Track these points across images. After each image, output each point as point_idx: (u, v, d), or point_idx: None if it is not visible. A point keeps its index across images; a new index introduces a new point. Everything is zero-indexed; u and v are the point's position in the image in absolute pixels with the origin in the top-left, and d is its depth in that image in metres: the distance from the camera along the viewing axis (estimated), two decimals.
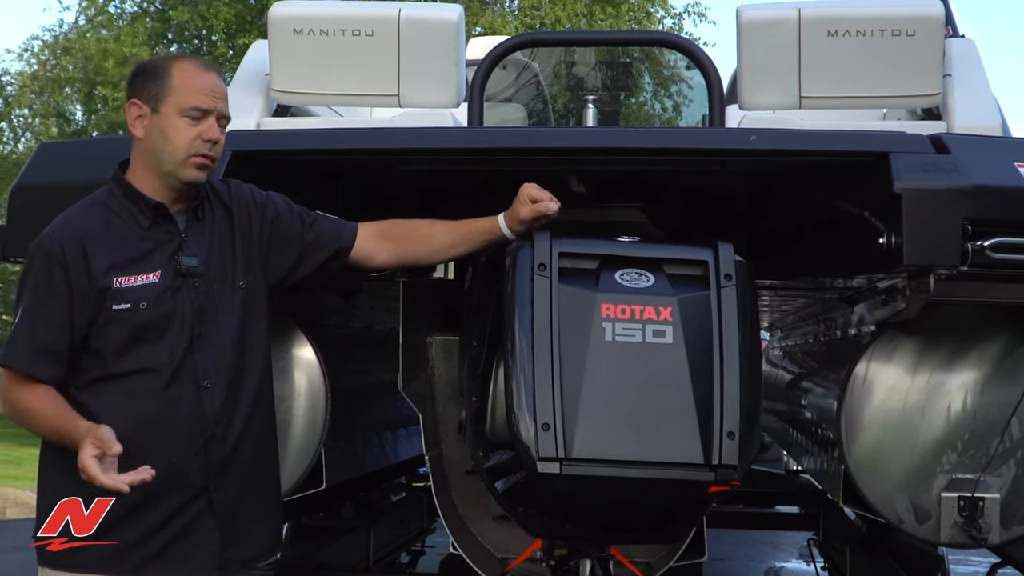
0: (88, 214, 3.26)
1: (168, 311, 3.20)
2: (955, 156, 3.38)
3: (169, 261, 3.24)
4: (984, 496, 3.76)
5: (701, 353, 3.19)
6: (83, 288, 3.15)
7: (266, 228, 3.45)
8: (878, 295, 3.99)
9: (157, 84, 3.26)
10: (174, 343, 3.20)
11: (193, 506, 3.22)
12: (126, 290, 3.17)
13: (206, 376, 3.23)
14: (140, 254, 3.22)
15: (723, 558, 9.00)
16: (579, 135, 4.43)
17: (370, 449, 5.08)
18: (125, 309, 3.16)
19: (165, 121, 3.24)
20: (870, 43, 4.57)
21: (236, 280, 3.35)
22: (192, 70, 3.29)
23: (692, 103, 10.76)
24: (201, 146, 3.23)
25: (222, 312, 3.30)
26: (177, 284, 3.22)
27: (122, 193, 3.28)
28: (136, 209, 3.26)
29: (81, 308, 3.15)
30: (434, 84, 4.80)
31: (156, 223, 3.26)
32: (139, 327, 3.17)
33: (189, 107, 3.23)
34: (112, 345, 3.17)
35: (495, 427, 3.43)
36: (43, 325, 3.16)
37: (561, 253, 3.30)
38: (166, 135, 3.23)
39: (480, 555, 4.31)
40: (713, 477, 3.14)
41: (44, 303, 3.16)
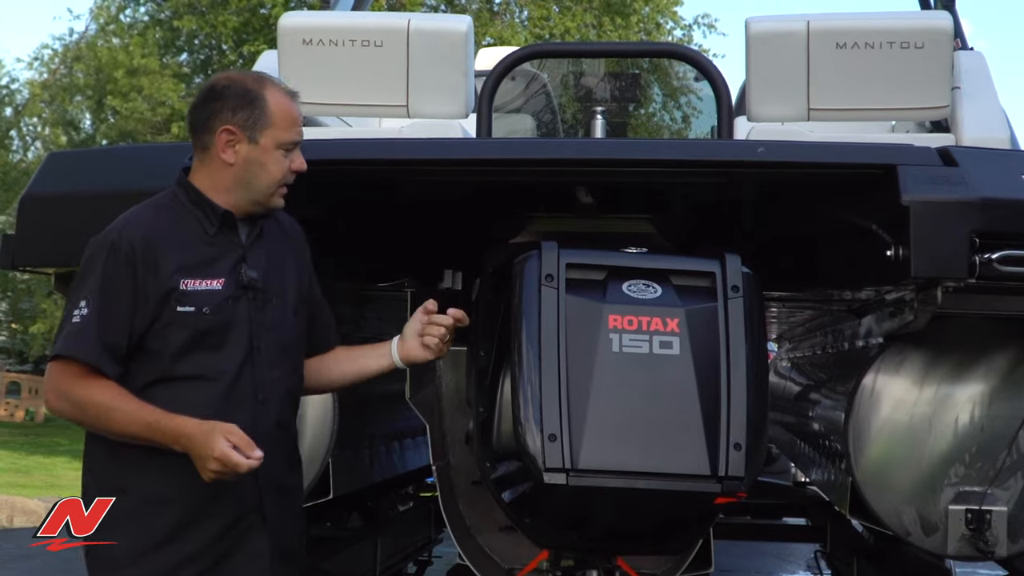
0: (155, 214, 3.24)
1: (228, 319, 3.18)
2: (963, 169, 3.38)
3: (232, 271, 3.22)
4: (991, 509, 3.76)
5: (708, 364, 3.20)
6: (148, 287, 3.12)
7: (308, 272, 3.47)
8: (886, 307, 3.99)
9: (254, 113, 3.22)
10: (232, 353, 3.18)
11: (246, 520, 3.21)
12: (191, 293, 3.15)
13: (262, 391, 3.22)
14: (205, 259, 3.20)
15: (730, 570, 8.98)
16: (587, 146, 4.44)
17: (377, 459, 5.09)
18: (189, 312, 3.14)
19: (264, 154, 3.23)
20: (879, 55, 4.57)
21: (292, 303, 3.35)
22: (286, 101, 3.27)
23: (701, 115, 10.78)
24: (290, 176, 3.27)
25: (278, 331, 3.28)
26: (238, 295, 3.21)
27: (188, 199, 3.26)
28: (203, 215, 3.24)
29: (143, 308, 3.12)
30: (443, 95, 4.81)
31: (221, 231, 3.25)
32: (200, 332, 3.15)
33: (287, 141, 3.24)
34: (171, 347, 3.14)
35: (502, 438, 3.43)
36: (108, 321, 3.11)
37: (568, 264, 3.31)
38: (265, 167, 3.23)
39: (487, 565, 4.31)
40: (719, 489, 3.14)
41: (109, 299, 3.11)
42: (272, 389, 3.25)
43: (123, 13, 24.66)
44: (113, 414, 3.09)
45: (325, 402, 4.08)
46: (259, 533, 3.22)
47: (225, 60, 22.90)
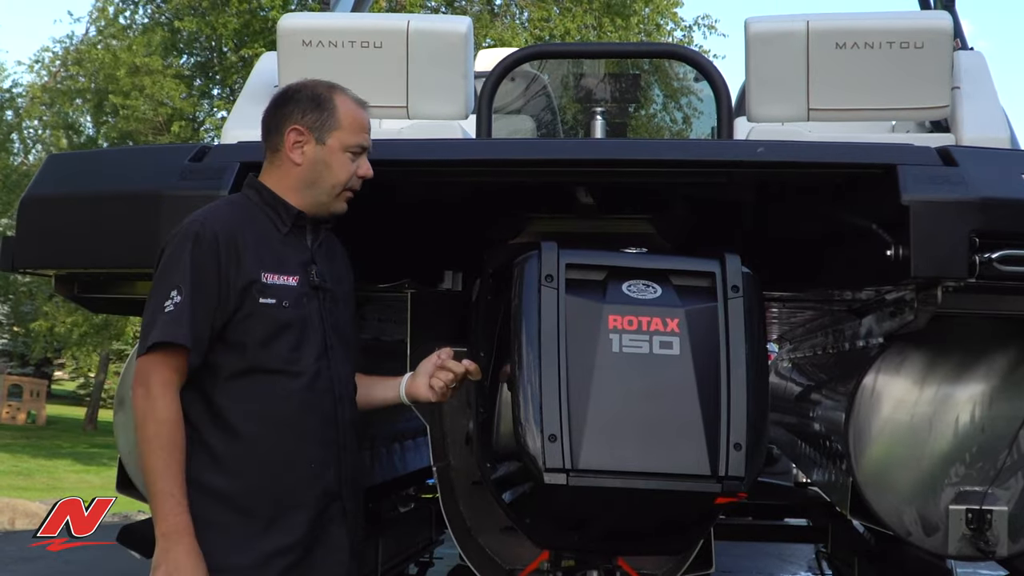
0: (232, 210, 3.30)
1: (305, 315, 3.24)
2: (963, 168, 3.38)
3: (304, 271, 3.29)
4: (992, 509, 3.76)
5: (708, 365, 3.20)
6: (231, 278, 3.16)
7: None
8: (886, 307, 3.99)
9: (322, 115, 3.33)
10: (311, 350, 3.24)
11: (330, 512, 3.27)
12: (272, 286, 3.21)
13: (339, 386, 3.30)
14: (280, 256, 3.27)
15: (731, 570, 8.99)
16: (587, 147, 4.44)
17: (378, 460, 5.08)
18: (271, 304, 3.19)
19: (330, 154, 3.32)
20: (878, 55, 4.57)
21: (352, 311, 3.46)
22: (355, 107, 3.38)
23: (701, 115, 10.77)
24: (355, 182, 3.35)
25: (343, 333, 3.37)
26: (311, 294, 3.28)
27: (261, 199, 3.33)
28: (276, 215, 3.31)
29: (226, 298, 3.16)
30: (443, 96, 4.82)
31: (292, 232, 3.32)
32: (280, 325, 3.20)
33: (354, 144, 3.33)
34: (255, 339, 3.18)
35: (502, 438, 3.44)
36: (199, 310, 3.13)
37: (568, 264, 3.31)
38: (330, 168, 3.32)
39: (488, 566, 4.31)
40: (719, 489, 3.14)
41: (199, 288, 3.14)
42: (345, 386, 3.33)
43: (122, 15, 24.67)
44: (161, 452, 3.08)
45: None
46: (339, 527, 3.29)
47: (226, 62, 22.93)
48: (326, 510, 3.25)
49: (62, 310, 24.21)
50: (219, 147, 3.93)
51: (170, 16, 23.78)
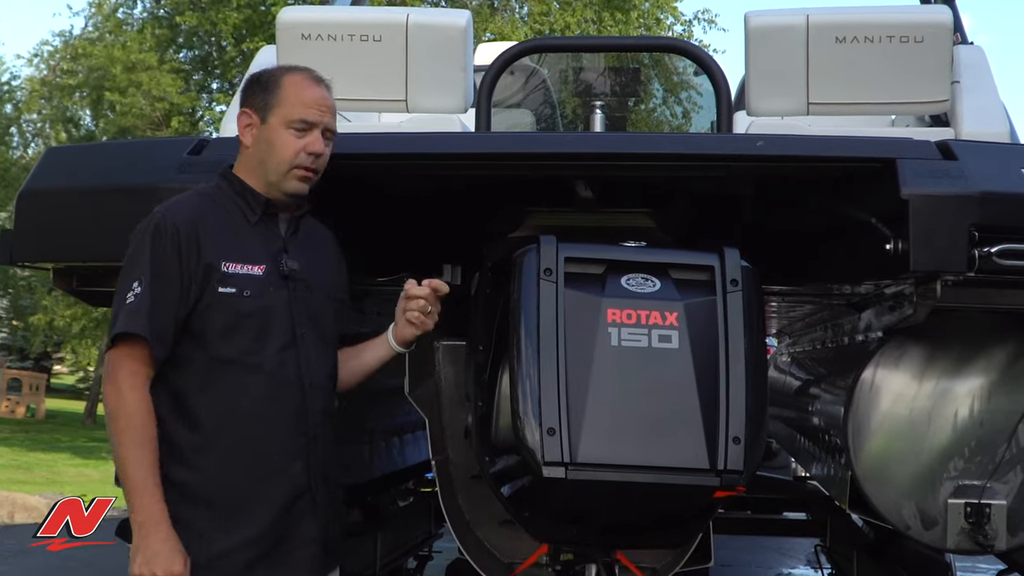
0: (198, 201, 3.30)
1: (269, 305, 3.23)
2: (962, 162, 3.38)
3: (273, 260, 3.28)
4: (991, 503, 3.76)
5: (707, 358, 3.20)
6: (192, 267, 3.16)
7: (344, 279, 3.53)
8: (885, 301, 3.98)
9: (267, 94, 3.33)
10: (275, 339, 3.23)
11: (298, 506, 3.25)
12: (233, 275, 3.20)
13: (308, 377, 3.27)
14: (247, 245, 3.26)
15: (730, 564, 8.99)
16: (586, 140, 4.44)
17: (377, 454, 5.09)
18: (230, 293, 3.18)
19: (272, 132, 3.30)
20: (878, 49, 4.57)
21: (332, 300, 3.42)
22: (302, 83, 3.36)
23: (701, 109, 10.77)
24: (304, 159, 3.29)
25: (320, 321, 3.35)
26: (279, 283, 3.26)
27: (232, 189, 3.34)
28: (245, 205, 3.31)
29: (188, 289, 3.16)
30: (442, 89, 4.81)
31: (262, 221, 3.31)
32: (241, 315, 3.19)
33: (295, 119, 3.30)
34: (214, 329, 3.18)
35: (501, 432, 3.43)
36: (160, 301, 3.14)
37: (567, 258, 3.31)
38: (272, 146, 3.30)
39: (486, 560, 4.31)
40: (718, 482, 3.14)
41: (160, 280, 3.15)
42: (316, 376, 3.31)
43: (120, 10, 24.66)
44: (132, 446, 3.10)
45: None
46: (309, 519, 3.26)
47: (225, 56, 22.91)
48: (294, 503, 3.23)
49: (61, 304, 24.24)
50: (217, 140, 3.93)
51: (169, 11, 23.77)
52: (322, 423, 3.31)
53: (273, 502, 3.20)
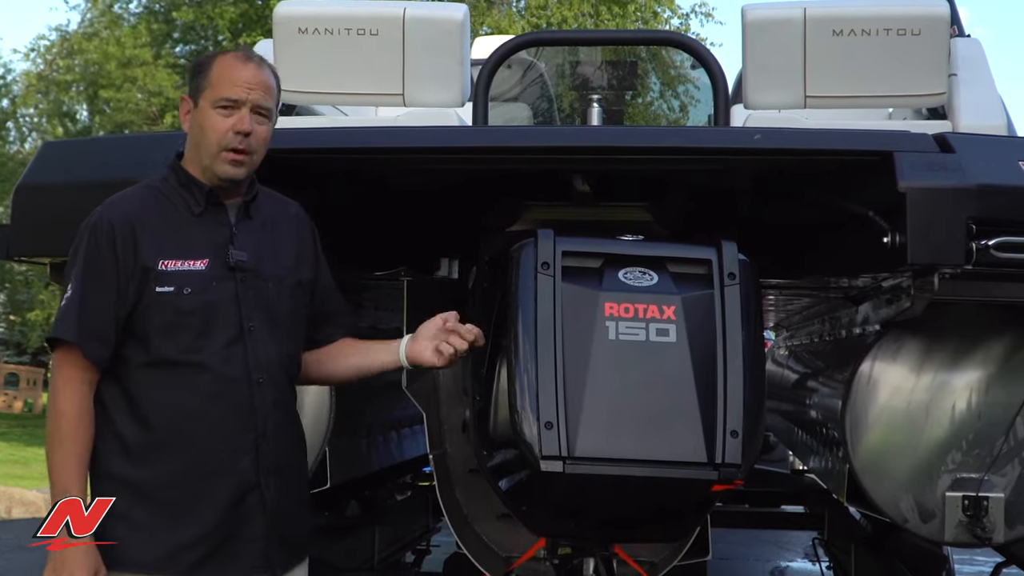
0: (141, 195, 3.25)
1: (213, 301, 3.17)
2: (960, 155, 3.38)
3: (218, 252, 3.21)
4: (989, 495, 3.76)
5: (704, 352, 3.19)
6: (129, 268, 3.13)
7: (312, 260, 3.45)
8: (883, 294, 3.99)
9: (200, 78, 3.28)
10: (220, 335, 3.17)
11: (246, 503, 3.20)
12: (171, 273, 3.14)
13: (257, 371, 3.21)
14: (189, 240, 3.21)
15: (728, 557, 9.00)
16: (583, 134, 4.43)
17: (375, 448, 5.08)
18: (168, 292, 3.13)
19: (202, 114, 3.24)
20: (875, 42, 4.57)
21: (288, 286, 3.34)
22: (230, 62, 3.28)
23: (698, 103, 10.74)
24: (232, 139, 3.20)
25: (273, 311, 3.28)
26: (224, 275, 3.20)
27: (177, 180, 3.28)
28: (189, 196, 3.25)
29: (126, 288, 3.13)
30: (439, 83, 4.80)
31: (208, 211, 3.25)
32: (182, 312, 3.14)
33: (220, 98, 3.21)
34: (154, 329, 3.14)
35: (498, 426, 3.43)
36: (91, 304, 3.13)
37: (565, 252, 3.30)
38: (203, 128, 3.23)
39: (484, 554, 4.31)
40: (716, 476, 3.14)
41: (93, 282, 3.13)
42: (268, 369, 3.23)
43: (116, 5, 24.61)
44: (59, 448, 3.11)
45: (322, 391, 4.08)
46: (257, 517, 3.21)
47: None
48: (242, 500, 3.18)
49: (58, 298, 24.20)
50: None
51: (165, 6, 23.73)
52: (274, 417, 3.23)
53: (219, 500, 3.16)
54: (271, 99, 3.29)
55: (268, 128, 3.29)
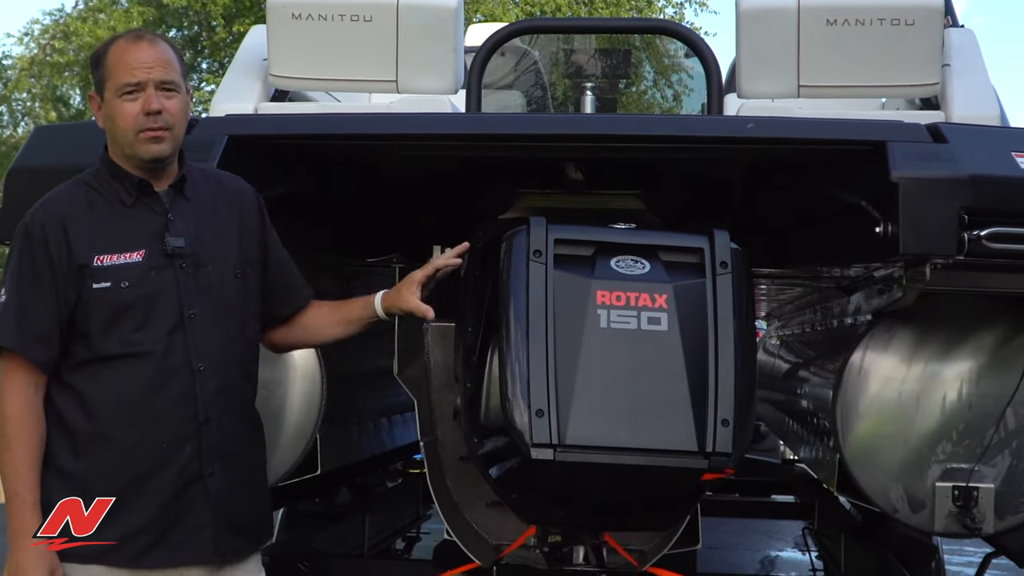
0: (71, 194, 3.23)
1: (152, 291, 3.15)
2: (952, 145, 3.38)
3: (154, 240, 3.19)
4: (979, 486, 3.76)
5: (696, 341, 3.19)
6: (64, 268, 3.12)
7: (259, 235, 3.43)
8: (874, 284, 3.99)
9: (100, 71, 3.24)
10: (161, 324, 3.15)
11: (189, 492, 3.18)
12: (107, 268, 3.13)
13: (199, 359, 3.18)
14: (123, 233, 3.18)
15: (718, 546, 8.99)
16: (576, 121, 4.42)
17: (365, 435, 5.08)
18: (105, 288, 3.12)
19: (110, 106, 3.21)
20: (869, 32, 4.56)
21: (232, 266, 3.30)
22: (123, 47, 3.23)
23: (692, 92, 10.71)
24: (144, 121, 3.16)
25: (217, 296, 3.25)
26: (162, 264, 3.18)
27: (108, 173, 3.25)
28: (120, 187, 3.22)
29: (64, 288, 3.12)
30: (432, 70, 4.79)
31: (140, 201, 3.22)
32: (121, 307, 3.13)
33: (122, 85, 3.17)
34: (95, 325, 3.13)
35: (490, 413, 3.43)
36: (30, 307, 3.13)
37: (557, 239, 3.30)
38: (114, 119, 3.20)
39: (474, 541, 4.30)
40: (707, 465, 3.14)
41: (27, 284, 3.14)
42: (211, 356, 3.21)
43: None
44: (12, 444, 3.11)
45: (313, 378, 4.07)
46: (203, 505, 3.20)
47: (215, 37, 22.83)
48: (185, 489, 3.17)
49: None
50: (207, 119, 3.91)
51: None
52: (217, 404, 3.21)
53: (161, 489, 3.15)
54: (173, 71, 3.23)
55: (180, 100, 3.24)
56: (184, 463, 3.17)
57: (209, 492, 3.20)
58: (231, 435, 3.27)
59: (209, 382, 3.20)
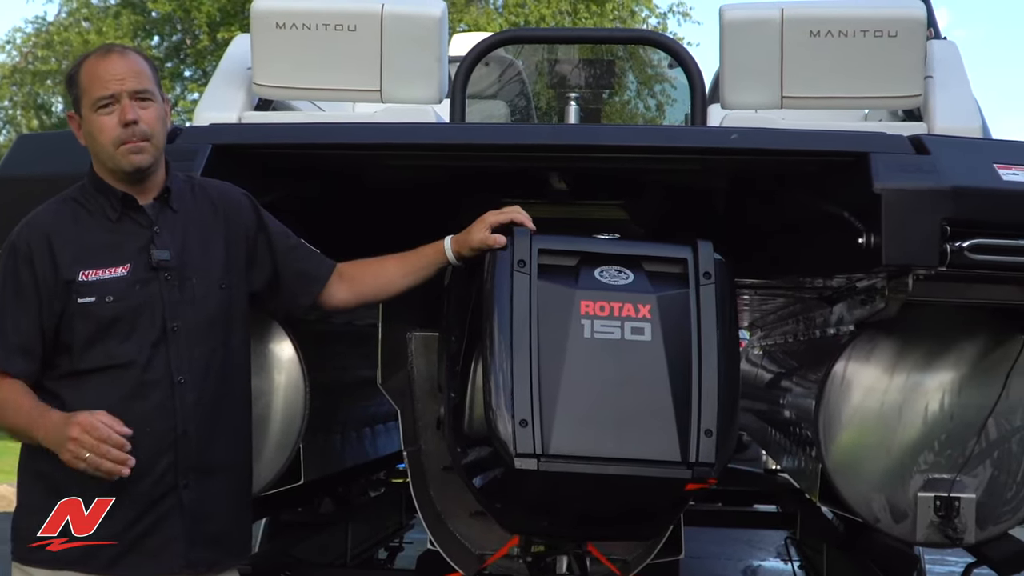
0: (57, 210, 3.25)
1: (137, 304, 3.17)
2: (935, 157, 3.39)
3: (139, 254, 3.21)
4: (960, 496, 3.77)
5: (679, 351, 3.19)
6: (49, 283, 3.14)
7: (251, 237, 3.44)
8: (857, 295, 4.00)
9: (75, 89, 3.27)
10: (144, 337, 3.17)
11: (163, 504, 3.19)
12: (92, 283, 3.15)
13: (179, 372, 3.20)
14: (108, 247, 3.20)
15: (700, 556, 9.01)
16: (560, 131, 4.43)
17: (349, 445, 5.07)
18: (90, 303, 3.14)
19: (88, 122, 3.23)
20: (852, 44, 4.58)
21: (216, 279, 3.32)
22: (93, 62, 3.25)
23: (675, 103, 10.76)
24: (122, 133, 3.18)
25: (200, 308, 3.26)
26: (148, 277, 3.19)
27: (94, 188, 3.27)
28: (106, 202, 3.24)
29: (49, 303, 3.14)
30: (417, 80, 4.79)
31: (126, 215, 3.24)
32: (106, 321, 3.15)
33: (96, 99, 3.20)
34: (79, 339, 3.15)
35: (473, 423, 3.42)
36: (13, 322, 3.16)
37: (541, 250, 3.30)
38: (93, 136, 3.22)
39: (457, 551, 4.30)
40: (690, 475, 3.13)
41: (11, 299, 3.16)
42: (192, 369, 3.23)
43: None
44: (10, 406, 3.15)
45: (297, 387, 4.06)
46: (176, 517, 3.21)
47: (199, 45, 22.80)
48: (160, 500, 3.19)
49: None
50: (191, 129, 3.91)
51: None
52: (196, 417, 3.22)
53: (135, 498, 3.15)
54: (147, 81, 3.25)
55: (155, 109, 3.26)
56: (160, 474, 3.18)
57: (183, 504, 3.21)
58: (209, 448, 3.27)
59: (189, 394, 3.22)
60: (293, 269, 3.52)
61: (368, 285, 3.60)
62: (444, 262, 3.51)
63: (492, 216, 3.41)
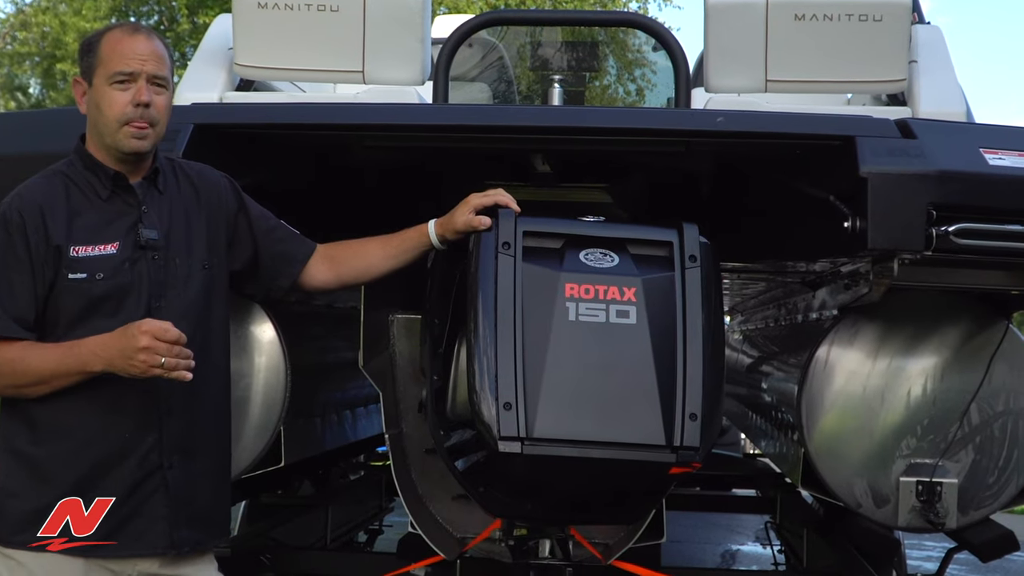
0: (48, 183, 3.22)
1: (125, 283, 3.15)
2: (921, 141, 3.38)
3: (128, 233, 3.19)
4: (942, 481, 3.77)
5: (664, 334, 3.18)
6: (42, 254, 3.11)
7: (231, 218, 3.43)
8: (841, 279, 3.99)
9: (90, 57, 3.23)
10: (128, 316, 3.13)
11: (148, 483, 3.18)
12: (83, 260, 3.13)
13: None
14: (98, 224, 3.18)
15: (681, 540, 9.03)
16: (544, 113, 4.41)
17: (329, 427, 5.06)
18: (81, 279, 3.12)
19: (98, 93, 3.21)
20: (837, 28, 4.58)
21: (199, 259, 3.31)
22: (119, 36, 3.23)
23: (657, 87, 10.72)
24: (132, 112, 3.17)
25: (183, 288, 3.25)
26: (135, 256, 3.18)
27: (82, 164, 3.25)
28: (95, 179, 3.22)
29: (42, 274, 3.11)
30: (399, 61, 4.77)
31: (115, 193, 3.22)
32: (94, 299, 3.13)
33: (114, 73, 3.18)
34: (66, 316, 3.13)
35: (456, 406, 3.41)
36: (7, 290, 3.12)
37: (526, 232, 3.28)
38: (100, 107, 3.20)
39: (439, 534, 4.29)
40: (675, 459, 3.13)
41: (9, 271, 3.12)
42: None
43: None
44: (27, 359, 3.09)
45: (277, 370, 4.05)
46: (161, 497, 3.20)
47: (178, 28, 22.70)
48: (145, 480, 3.17)
49: None
50: (173, 108, 3.87)
51: None
52: (179, 395, 3.20)
53: (121, 479, 3.15)
54: (165, 69, 3.26)
55: (167, 98, 3.26)
56: (144, 453, 3.17)
57: (168, 484, 3.20)
58: (193, 427, 3.26)
59: None
60: (273, 250, 3.51)
61: (350, 267, 3.57)
62: (428, 245, 3.50)
63: (476, 198, 3.39)
